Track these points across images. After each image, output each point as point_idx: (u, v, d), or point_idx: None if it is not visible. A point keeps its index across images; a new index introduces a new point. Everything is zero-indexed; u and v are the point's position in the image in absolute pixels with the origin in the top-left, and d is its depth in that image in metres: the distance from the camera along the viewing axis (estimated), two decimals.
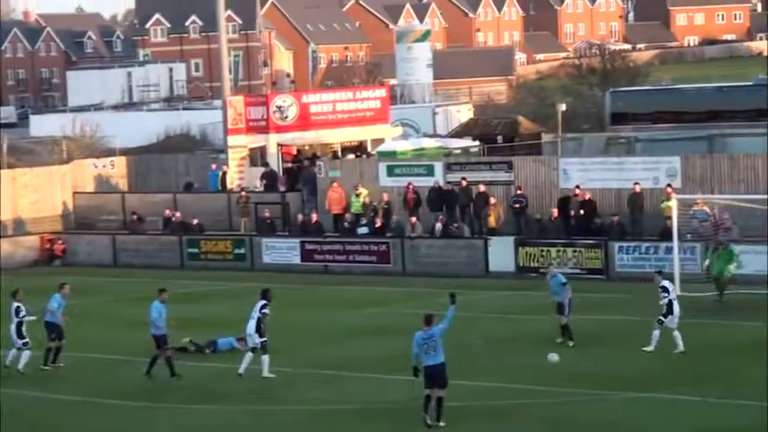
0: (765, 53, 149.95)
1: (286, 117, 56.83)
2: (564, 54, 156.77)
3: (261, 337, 28.16)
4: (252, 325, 28.23)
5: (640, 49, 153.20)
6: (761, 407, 24.38)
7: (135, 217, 53.34)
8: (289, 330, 32.63)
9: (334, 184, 49.92)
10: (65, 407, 27.43)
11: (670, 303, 29.45)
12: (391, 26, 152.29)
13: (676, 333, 29.25)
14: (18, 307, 30.26)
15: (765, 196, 40.66)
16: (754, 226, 39.55)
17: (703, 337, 30.27)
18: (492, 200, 46.10)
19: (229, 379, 28.65)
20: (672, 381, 26.78)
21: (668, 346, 29.30)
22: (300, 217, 49.20)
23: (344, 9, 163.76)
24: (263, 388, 27.88)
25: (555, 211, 44.90)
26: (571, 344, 30.50)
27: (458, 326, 33.42)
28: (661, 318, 29.47)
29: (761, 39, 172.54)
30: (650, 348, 29.34)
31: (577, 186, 45.35)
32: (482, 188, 47.00)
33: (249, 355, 28.50)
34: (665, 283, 30.04)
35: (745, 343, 30.07)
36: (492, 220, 45.77)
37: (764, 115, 56.71)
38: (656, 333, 29.45)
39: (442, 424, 23.64)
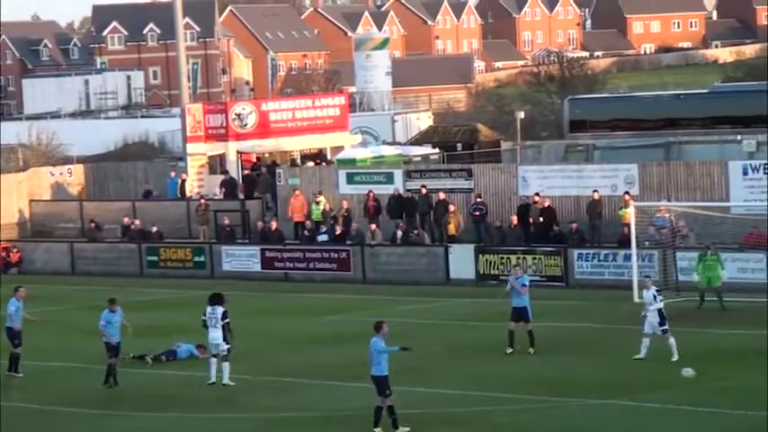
0: (721, 61, 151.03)
1: (245, 125, 56.69)
2: (522, 62, 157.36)
3: (227, 344, 28.09)
4: (218, 335, 28.09)
5: (598, 57, 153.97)
6: (720, 413, 24.52)
7: (93, 225, 53.07)
8: (248, 337, 32.53)
9: (296, 192, 49.88)
10: (20, 415, 27.18)
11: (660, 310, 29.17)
12: (350, 34, 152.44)
13: (646, 340, 29.12)
14: None
15: (724, 204, 41.01)
16: (712, 233, 39.77)
17: (663, 345, 30.36)
18: (451, 207, 46.18)
19: (187, 386, 28.55)
20: (631, 387, 26.87)
21: (631, 353, 29.39)
22: (260, 224, 49.12)
23: (303, 17, 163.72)
24: (222, 395, 27.79)
25: (515, 219, 45.02)
26: (532, 350, 30.44)
27: (419, 333, 33.53)
28: (665, 326, 28.96)
29: (716, 46, 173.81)
30: (676, 357, 28.68)
31: (537, 194, 45.50)
32: (442, 195, 47.08)
33: (213, 361, 28.40)
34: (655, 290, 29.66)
35: (706, 350, 30.22)
36: (452, 228, 45.83)
37: (720, 123, 57.15)
38: (673, 340, 28.92)
39: (406, 429, 23.63)
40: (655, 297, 29.25)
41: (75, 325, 36.77)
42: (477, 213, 46.40)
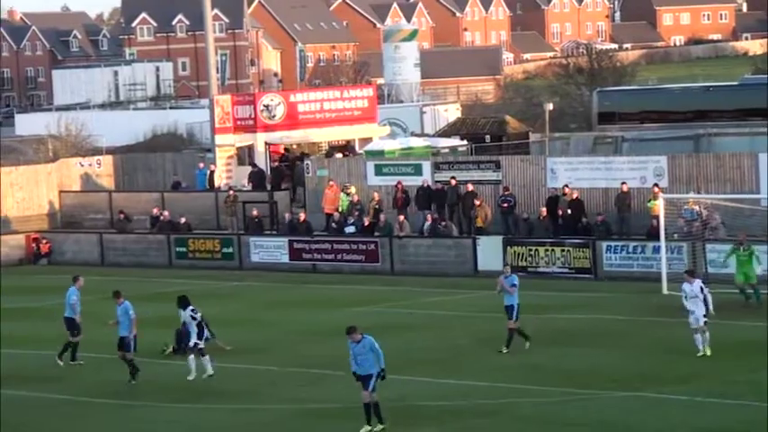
0: (751, 53, 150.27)
1: (273, 116, 56.75)
2: (551, 54, 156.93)
3: (198, 339, 28.20)
4: (195, 336, 28.17)
5: (627, 49, 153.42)
6: (748, 406, 24.44)
7: (122, 216, 53.27)
8: (276, 329, 32.62)
9: (330, 183, 49.96)
10: (53, 406, 27.36)
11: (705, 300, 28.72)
12: (378, 25, 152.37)
13: (698, 336, 28.61)
14: None
15: (754, 196, 40.82)
16: (742, 225, 39.60)
17: (688, 337, 30.27)
18: (477, 201, 46.11)
19: (214, 378, 28.61)
20: (659, 380, 26.81)
21: (659, 345, 29.33)
22: (288, 216, 49.20)
23: (332, 8, 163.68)
24: (248, 387, 27.87)
25: (544, 211, 44.94)
26: (527, 345, 30.12)
27: (447, 324, 33.53)
28: (707, 318, 28.48)
29: (746, 39, 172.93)
30: (708, 352, 28.36)
31: (566, 186, 45.41)
32: (470, 187, 47.03)
33: (191, 358, 28.44)
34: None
35: (735, 342, 30.10)
36: (480, 220, 45.80)
37: (750, 115, 56.87)
38: (708, 335, 28.51)
39: (380, 427, 23.42)
40: (702, 289, 28.61)
41: (103, 316, 36.89)
42: (506, 205, 46.33)
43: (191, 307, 28.52)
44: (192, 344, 28.28)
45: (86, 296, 30.99)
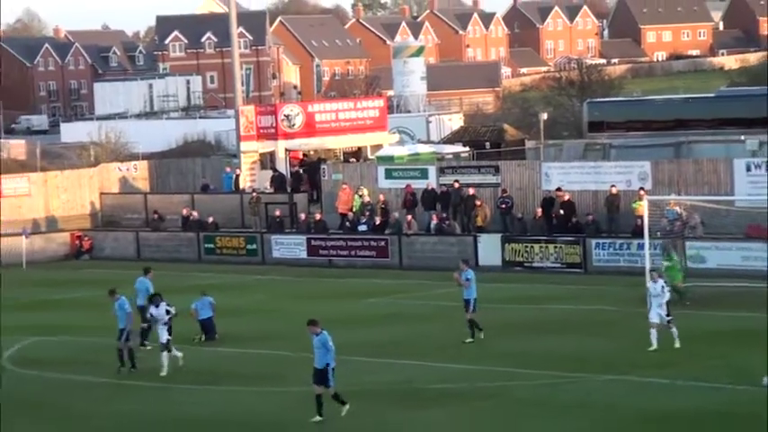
0: (726, 67, 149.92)
1: (293, 125, 56.75)
2: (545, 68, 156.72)
3: (169, 335, 27.59)
4: (165, 334, 27.51)
5: (614, 64, 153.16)
6: (723, 389, 24.41)
7: (156, 216, 53.31)
8: (297, 318, 32.58)
9: (344, 186, 49.96)
10: (94, 388, 27.35)
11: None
12: (388, 42, 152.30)
13: (654, 331, 28.31)
14: None
15: (729, 198, 40.76)
16: (719, 224, 39.54)
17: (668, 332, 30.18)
18: (477, 202, 46.07)
19: (238, 363, 28.56)
20: (642, 365, 26.76)
21: (642, 333, 29.28)
22: (303, 216, 49.25)
23: (346, 27, 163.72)
24: (270, 372, 27.83)
25: (539, 211, 44.89)
26: (481, 335, 29.72)
27: (451, 314, 33.49)
28: (671, 317, 28.11)
29: (722, 54, 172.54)
30: (678, 345, 27.92)
31: (558, 188, 45.35)
32: (471, 190, 47.00)
33: (165, 354, 27.72)
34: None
35: (708, 331, 30.06)
36: (480, 219, 45.76)
37: (725, 124, 56.78)
38: (675, 330, 28.08)
39: (345, 408, 23.04)
40: (663, 289, 28.46)
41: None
42: (504, 206, 46.29)
43: (164, 303, 27.76)
44: (164, 341, 27.49)
45: (125, 289, 30.95)
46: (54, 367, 29.23)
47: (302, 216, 49.36)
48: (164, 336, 27.64)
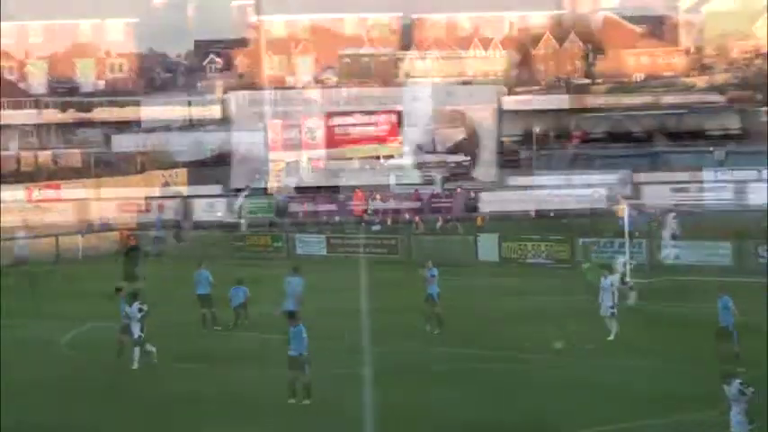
0: (698, 86, 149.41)
1: (315, 137, 56.78)
2: (537, 87, 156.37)
3: (141, 332, 26.56)
4: (138, 329, 26.46)
5: (598, 83, 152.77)
6: (686, 372, 24.37)
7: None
8: (321, 306, 32.56)
9: (357, 191, 49.96)
10: (137, 369, 27.23)
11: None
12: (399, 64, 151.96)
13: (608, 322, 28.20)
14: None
15: (699, 201, 40.71)
16: (691, 223, 39.51)
17: (645, 316, 30.15)
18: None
19: (264, 347, 28.38)
20: (622, 348, 26.70)
21: (621, 321, 29.18)
22: (325, 217, 49.30)
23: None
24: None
25: (533, 213, 44.86)
26: (437, 332, 29.44)
27: (455, 302, 33.40)
28: (614, 309, 27.94)
29: (694, 75, 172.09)
30: (611, 337, 27.79)
31: (549, 193, 45.32)
32: (472, 194, 46.93)
33: (137, 350, 26.60)
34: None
35: (683, 321, 29.95)
36: (479, 221, 45.72)
37: (697, 136, 56.71)
38: (614, 323, 27.91)
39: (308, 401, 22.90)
40: (612, 284, 27.99)
41: (178, 296, 36.96)
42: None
43: (137, 303, 26.69)
44: (136, 336, 26.43)
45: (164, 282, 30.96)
46: (103, 352, 29.13)
47: (325, 217, 49.36)
48: (136, 332, 26.46)
